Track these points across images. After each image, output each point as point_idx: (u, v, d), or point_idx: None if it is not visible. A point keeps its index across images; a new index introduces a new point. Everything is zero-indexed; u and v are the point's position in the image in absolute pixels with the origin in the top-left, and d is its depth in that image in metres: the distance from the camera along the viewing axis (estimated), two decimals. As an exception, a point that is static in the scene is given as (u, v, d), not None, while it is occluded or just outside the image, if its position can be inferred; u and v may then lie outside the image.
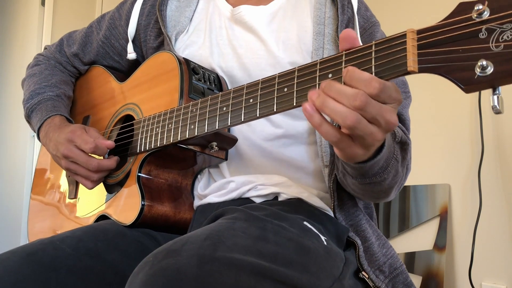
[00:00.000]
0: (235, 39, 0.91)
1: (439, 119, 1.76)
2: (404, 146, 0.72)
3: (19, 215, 2.65)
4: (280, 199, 0.81)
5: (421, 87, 1.63)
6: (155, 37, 0.99)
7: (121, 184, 0.88)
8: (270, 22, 0.91)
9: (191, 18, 0.98)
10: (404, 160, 0.72)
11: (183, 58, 0.87)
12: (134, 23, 1.01)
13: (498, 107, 0.48)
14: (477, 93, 1.64)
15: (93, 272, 0.71)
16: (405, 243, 1.72)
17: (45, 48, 1.19)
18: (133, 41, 1.02)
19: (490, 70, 0.46)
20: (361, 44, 0.57)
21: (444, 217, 1.66)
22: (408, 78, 0.88)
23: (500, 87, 0.47)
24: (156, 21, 0.99)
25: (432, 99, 1.76)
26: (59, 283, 0.68)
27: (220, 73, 0.90)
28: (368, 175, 0.66)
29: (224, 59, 0.90)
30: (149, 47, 1.00)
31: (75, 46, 1.11)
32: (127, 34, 1.03)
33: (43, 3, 2.78)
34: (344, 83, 0.54)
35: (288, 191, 0.81)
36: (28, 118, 1.04)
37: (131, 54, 1.02)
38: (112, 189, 0.91)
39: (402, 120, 0.83)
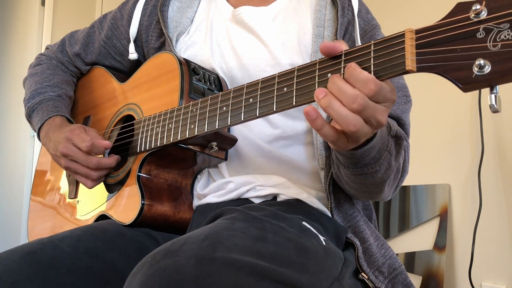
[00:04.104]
0: (236, 40, 0.91)
1: (439, 119, 1.76)
2: (398, 140, 0.72)
3: (19, 215, 2.64)
4: (278, 199, 0.82)
5: (421, 87, 1.63)
6: (156, 38, 0.99)
7: (121, 183, 0.88)
8: (270, 24, 0.91)
9: (192, 19, 0.98)
10: (398, 154, 0.73)
11: (184, 58, 0.87)
12: (136, 23, 1.02)
13: (495, 106, 0.48)
14: (477, 93, 1.64)
15: (92, 271, 0.72)
16: (405, 243, 1.72)
17: (47, 48, 1.18)
18: (134, 41, 1.02)
19: (487, 69, 0.46)
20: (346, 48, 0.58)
21: (444, 217, 1.66)
22: (408, 78, 0.88)
23: (497, 86, 0.48)
24: (158, 22, 0.99)
25: (432, 99, 1.75)
26: (58, 282, 0.68)
27: (221, 74, 0.90)
28: (359, 165, 0.67)
29: (225, 59, 0.90)
30: (150, 48, 1.00)
31: (77, 46, 1.11)
32: (129, 34, 1.03)
33: (43, 3, 2.78)
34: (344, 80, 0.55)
35: (287, 192, 0.81)
36: (29, 117, 1.04)
37: (133, 55, 1.02)
38: (112, 188, 0.91)
39: (402, 124, 0.83)
